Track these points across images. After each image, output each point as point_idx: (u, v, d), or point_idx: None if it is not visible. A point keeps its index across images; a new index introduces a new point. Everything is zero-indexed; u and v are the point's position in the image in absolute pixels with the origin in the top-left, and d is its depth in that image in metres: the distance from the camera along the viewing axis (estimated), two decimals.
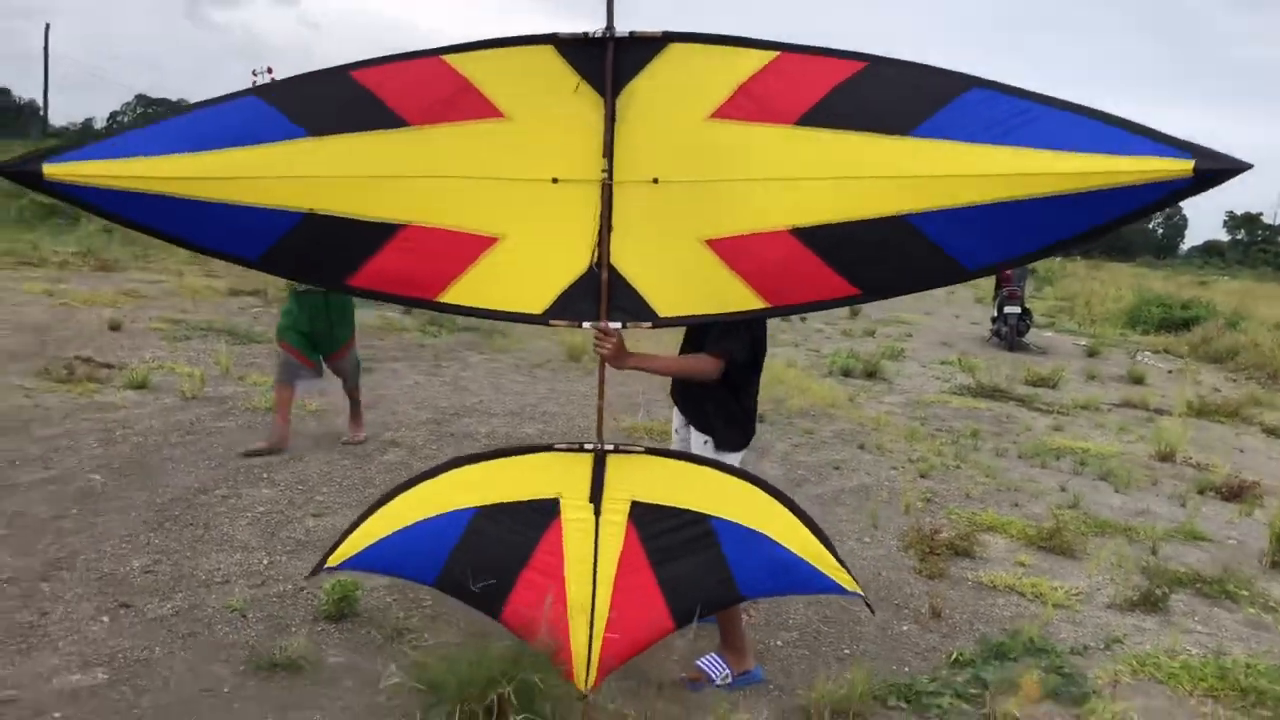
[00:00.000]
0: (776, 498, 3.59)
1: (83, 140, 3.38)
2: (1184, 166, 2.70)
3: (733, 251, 3.30)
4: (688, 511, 3.58)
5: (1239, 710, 4.12)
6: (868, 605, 3.83)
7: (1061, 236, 2.99)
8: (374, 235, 3.39)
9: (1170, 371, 15.31)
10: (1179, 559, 6.06)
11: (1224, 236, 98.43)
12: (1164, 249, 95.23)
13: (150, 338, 9.98)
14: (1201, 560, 6.09)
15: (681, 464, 3.70)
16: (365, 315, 12.57)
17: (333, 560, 3.73)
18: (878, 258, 3.17)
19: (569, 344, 11.08)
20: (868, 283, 3.25)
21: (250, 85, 4.51)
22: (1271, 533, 6.27)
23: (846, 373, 12.15)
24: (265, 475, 5.99)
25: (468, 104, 3.33)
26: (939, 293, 29.40)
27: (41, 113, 59.08)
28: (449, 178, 3.39)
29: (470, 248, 3.45)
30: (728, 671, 3.98)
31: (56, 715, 3.27)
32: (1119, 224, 2.92)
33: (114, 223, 3.42)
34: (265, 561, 4.68)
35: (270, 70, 4.76)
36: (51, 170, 3.12)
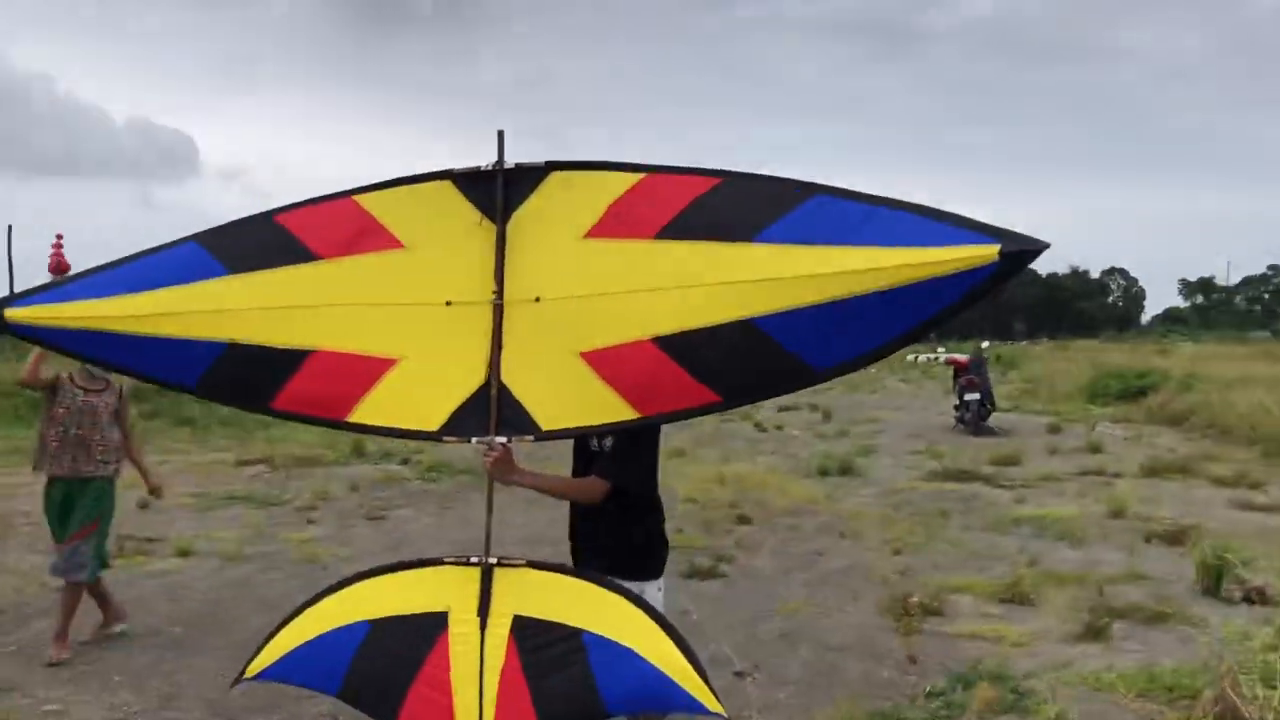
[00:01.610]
0: (646, 611, 3.59)
1: (38, 289, 3.69)
2: (989, 252, 2.71)
3: (603, 363, 3.36)
4: (563, 625, 3.61)
5: (1165, 704, 4.97)
6: None
7: (896, 332, 2.97)
8: (287, 361, 3.66)
9: (1126, 438, 16.35)
10: (1123, 596, 6.94)
11: (1182, 303, 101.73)
12: (1125, 321, 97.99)
13: (179, 512, 10.75)
14: (1142, 595, 6.98)
15: (560, 577, 3.73)
16: (367, 470, 13.46)
17: (250, 671, 3.87)
18: (729, 363, 3.17)
19: None
20: (725, 389, 3.23)
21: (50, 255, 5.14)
22: (1196, 563, 7.20)
23: (824, 472, 13.05)
24: None
25: (372, 237, 3.64)
26: (906, 389, 30.71)
27: None
28: (353, 305, 3.66)
29: (373, 370, 3.66)
30: None
31: None
32: (947, 315, 2.95)
33: (70, 357, 3.88)
34: None
35: (60, 236, 5.15)
36: (12, 314, 3.56)
